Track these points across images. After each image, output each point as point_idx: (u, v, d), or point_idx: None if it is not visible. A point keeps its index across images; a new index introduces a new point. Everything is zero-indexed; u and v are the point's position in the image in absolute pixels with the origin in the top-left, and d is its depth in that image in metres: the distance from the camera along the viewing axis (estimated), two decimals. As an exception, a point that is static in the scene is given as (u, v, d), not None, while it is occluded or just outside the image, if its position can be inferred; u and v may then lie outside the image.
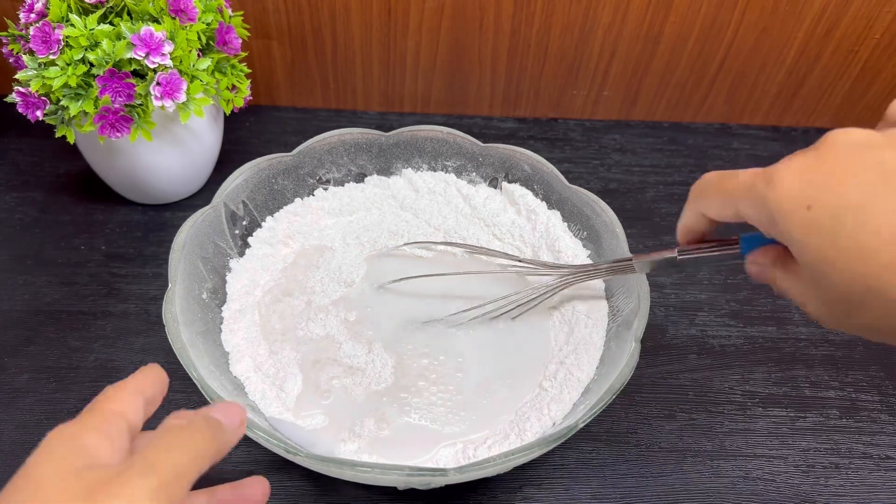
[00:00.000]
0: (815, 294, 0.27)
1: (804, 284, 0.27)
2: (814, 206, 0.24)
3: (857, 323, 0.25)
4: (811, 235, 0.24)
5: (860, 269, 0.23)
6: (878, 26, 0.65)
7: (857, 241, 0.23)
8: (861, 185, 0.23)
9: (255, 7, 0.64)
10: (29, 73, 0.48)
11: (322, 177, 0.54)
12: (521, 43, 0.67)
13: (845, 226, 0.23)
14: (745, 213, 0.27)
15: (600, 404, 0.36)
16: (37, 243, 0.58)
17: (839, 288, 0.24)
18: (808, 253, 0.25)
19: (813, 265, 0.25)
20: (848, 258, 0.24)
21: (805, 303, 0.28)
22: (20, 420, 0.46)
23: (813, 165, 0.25)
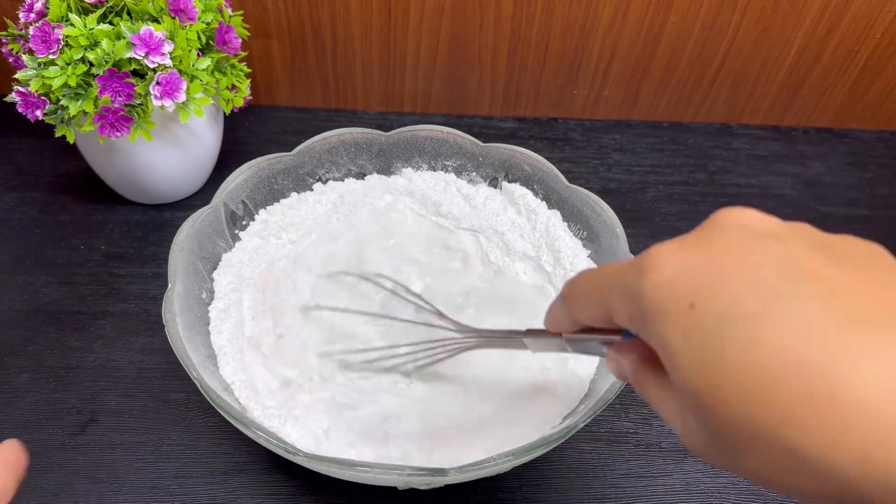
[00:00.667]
0: (693, 421, 0.20)
1: (679, 404, 0.21)
2: (698, 306, 0.19)
3: (743, 468, 0.19)
4: (692, 342, 0.19)
5: (748, 402, 0.18)
6: (878, 26, 0.65)
7: (750, 363, 0.17)
8: (759, 285, 0.18)
9: (255, 7, 0.64)
10: (28, 73, 0.48)
11: (322, 177, 0.54)
12: (521, 43, 0.67)
13: (735, 339, 0.18)
14: (616, 311, 0.22)
15: (600, 404, 0.36)
16: (36, 243, 0.58)
17: (721, 422, 0.19)
18: (685, 368, 0.19)
19: (691, 384, 0.19)
20: (736, 385, 0.18)
21: (680, 428, 0.22)
22: (20, 420, 0.46)
23: (698, 253, 0.20)
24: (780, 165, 0.71)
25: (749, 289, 0.18)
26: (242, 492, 0.43)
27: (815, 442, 0.17)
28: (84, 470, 0.44)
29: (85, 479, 0.43)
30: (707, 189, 0.67)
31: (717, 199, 0.66)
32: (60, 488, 0.43)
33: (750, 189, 0.67)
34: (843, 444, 0.16)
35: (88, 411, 0.47)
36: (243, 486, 0.43)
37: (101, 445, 0.45)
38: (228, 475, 0.44)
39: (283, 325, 0.46)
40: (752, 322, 0.18)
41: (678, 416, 0.22)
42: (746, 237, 0.20)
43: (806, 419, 0.17)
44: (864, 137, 0.75)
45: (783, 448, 0.17)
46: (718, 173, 0.69)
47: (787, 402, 0.17)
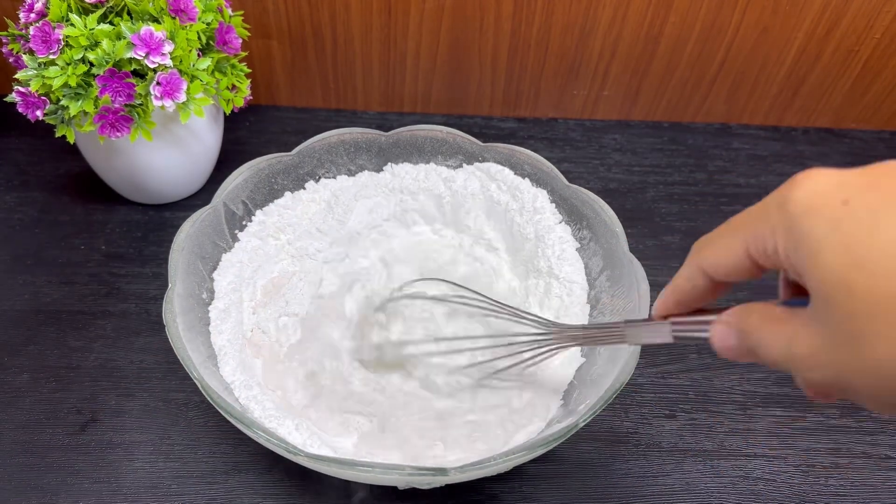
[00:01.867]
0: (815, 324, 0.21)
1: (791, 323, 0.22)
2: (851, 202, 0.20)
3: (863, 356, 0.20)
4: (841, 229, 0.20)
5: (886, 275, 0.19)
6: (878, 26, 0.65)
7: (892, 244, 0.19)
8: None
9: (255, 7, 0.64)
10: (29, 73, 0.48)
11: (322, 177, 0.54)
12: (521, 43, 0.67)
13: (890, 219, 0.19)
14: (757, 234, 0.23)
15: (600, 404, 0.36)
16: (37, 243, 0.58)
17: (862, 298, 0.19)
18: (828, 252, 0.20)
19: (833, 269, 0.20)
20: (882, 257, 0.19)
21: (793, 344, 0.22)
22: (20, 420, 0.46)
23: (855, 173, 0.21)
24: (780, 165, 0.71)
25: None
26: (242, 492, 0.43)
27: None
28: (84, 470, 0.44)
29: (85, 479, 0.43)
30: (707, 189, 0.67)
31: (717, 199, 0.66)
32: (60, 488, 0.43)
33: (750, 189, 0.67)
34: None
35: (88, 411, 0.47)
36: (243, 485, 0.43)
37: (101, 445, 0.45)
38: (228, 475, 0.44)
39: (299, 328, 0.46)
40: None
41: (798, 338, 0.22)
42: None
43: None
44: (864, 137, 0.75)
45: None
46: (718, 173, 0.69)
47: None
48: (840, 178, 0.21)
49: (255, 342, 0.46)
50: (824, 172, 0.21)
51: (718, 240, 0.25)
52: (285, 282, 0.49)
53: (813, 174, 0.21)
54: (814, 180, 0.21)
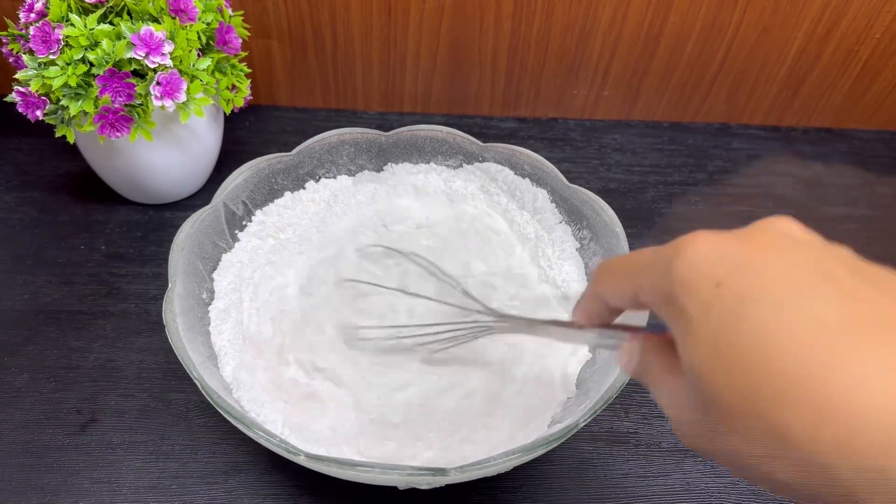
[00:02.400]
0: (689, 398, 0.22)
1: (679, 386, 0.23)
2: (724, 286, 0.20)
3: (720, 446, 0.21)
4: (710, 315, 0.20)
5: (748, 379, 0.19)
6: (878, 26, 0.65)
7: (759, 343, 0.19)
8: (787, 278, 0.20)
9: (255, 7, 0.64)
10: (29, 73, 0.48)
11: (322, 177, 0.54)
12: (521, 43, 0.67)
13: (751, 319, 0.19)
14: (643, 287, 0.24)
15: (600, 404, 0.36)
16: (37, 243, 0.58)
17: (718, 395, 0.20)
18: (698, 339, 0.20)
19: (699, 355, 0.20)
20: (740, 361, 0.19)
21: (674, 409, 0.23)
22: (20, 420, 0.46)
23: (734, 243, 0.21)
24: (780, 165, 0.71)
25: (774, 279, 0.20)
26: (243, 492, 0.43)
27: (801, 421, 0.18)
28: (84, 470, 0.44)
29: (85, 479, 0.43)
30: (707, 189, 0.67)
31: (716, 198, 0.66)
32: (60, 488, 0.43)
33: (750, 189, 0.67)
34: (828, 426, 0.17)
35: (88, 411, 0.47)
36: (243, 486, 0.43)
37: (101, 445, 0.45)
38: (228, 475, 0.44)
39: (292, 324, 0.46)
40: (770, 308, 0.19)
41: (675, 397, 0.23)
42: (783, 239, 0.21)
43: (797, 400, 0.18)
44: (864, 137, 0.75)
45: (770, 426, 0.18)
46: (718, 173, 0.69)
47: (783, 383, 0.18)
48: (720, 249, 0.21)
49: (255, 342, 0.46)
50: (706, 241, 0.21)
51: (616, 276, 0.26)
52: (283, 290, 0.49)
53: (696, 242, 0.22)
54: (695, 250, 0.21)
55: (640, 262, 0.24)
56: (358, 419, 0.42)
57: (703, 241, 0.21)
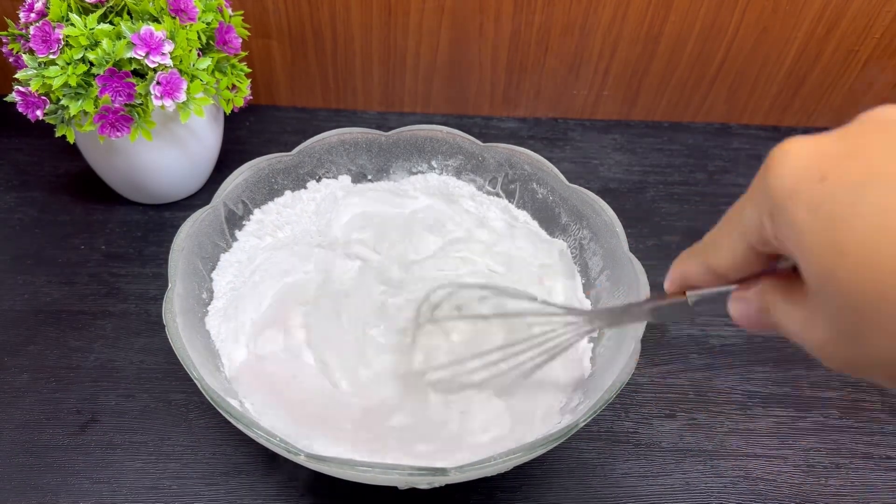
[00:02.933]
0: (820, 313, 0.20)
1: (807, 309, 0.21)
2: (829, 178, 0.18)
3: (866, 352, 0.19)
4: (821, 212, 0.18)
5: (880, 267, 0.17)
6: (878, 26, 0.65)
7: (885, 226, 0.17)
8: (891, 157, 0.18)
9: (255, 7, 0.64)
10: (29, 73, 0.48)
11: (321, 177, 0.54)
12: (521, 43, 0.67)
13: (873, 197, 0.17)
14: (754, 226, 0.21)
15: (600, 404, 0.36)
16: (37, 243, 0.58)
17: (850, 295, 0.18)
18: (813, 244, 0.18)
19: (819, 260, 0.18)
20: (868, 251, 0.17)
21: (809, 330, 0.21)
22: (20, 420, 0.46)
23: (833, 139, 0.19)
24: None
25: (882, 159, 0.18)
26: (243, 492, 0.43)
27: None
28: (84, 470, 0.44)
29: (85, 479, 0.43)
30: (707, 189, 0.67)
31: (716, 198, 0.66)
32: (60, 488, 0.43)
33: (750, 189, 0.67)
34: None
35: (88, 411, 0.47)
36: (244, 486, 0.43)
37: (101, 445, 0.45)
38: (229, 475, 0.44)
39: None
40: (882, 188, 0.17)
41: (808, 322, 0.21)
42: (885, 124, 0.19)
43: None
44: (863, 137, 0.75)
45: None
46: (718, 173, 0.69)
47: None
48: (817, 148, 0.19)
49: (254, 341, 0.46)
50: (800, 145, 0.20)
51: (720, 241, 0.24)
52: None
53: (789, 149, 0.20)
54: (790, 157, 0.20)
55: (742, 203, 0.22)
56: (358, 418, 0.42)
57: (796, 144, 0.20)
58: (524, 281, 0.49)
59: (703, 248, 0.25)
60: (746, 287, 0.24)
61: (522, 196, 0.53)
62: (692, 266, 0.26)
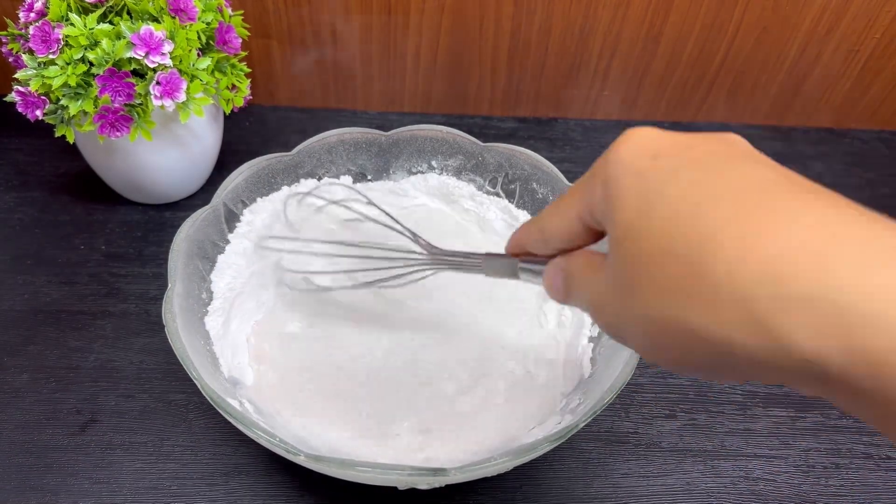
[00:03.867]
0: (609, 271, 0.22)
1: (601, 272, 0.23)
2: (660, 157, 0.21)
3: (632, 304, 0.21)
4: (643, 179, 0.21)
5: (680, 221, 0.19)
6: (878, 26, 0.65)
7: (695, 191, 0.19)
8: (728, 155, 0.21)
9: (255, 7, 0.64)
10: (28, 73, 0.48)
11: (321, 176, 0.54)
12: (521, 43, 0.67)
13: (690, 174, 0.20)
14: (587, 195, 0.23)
15: (600, 404, 0.36)
16: (37, 243, 0.58)
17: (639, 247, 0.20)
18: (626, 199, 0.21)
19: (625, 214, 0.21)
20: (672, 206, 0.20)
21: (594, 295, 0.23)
22: (20, 420, 0.46)
23: (682, 135, 0.22)
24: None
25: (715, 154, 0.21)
26: (243, 493, 0.43)
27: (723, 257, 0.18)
28: (84, 470, 0.44)
29: (85, 479, 0.43)
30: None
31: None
32: (60, 488, 0.43)
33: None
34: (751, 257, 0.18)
35: (88, 411, 0.47)
36: (244, 486, 0.43)
37: (101, 445, 0.45)
38: (229, 476, 0.44)
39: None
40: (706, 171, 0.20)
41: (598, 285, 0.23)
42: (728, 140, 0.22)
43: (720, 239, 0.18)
44: (864, 137, 0.75)
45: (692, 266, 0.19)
46: (718, 173, 0.69)
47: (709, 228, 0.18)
48: (661, 138, 0.22)
49: (254, 341, 0.46)
50: (648, 130, 0.22)
51: (557, 209, 0.26)
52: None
53: (636, 132, 0.22)
54: (636, 138, 0.22)
55: (585, 176, 0.24)
56: (359, 417, 0.42)
57: (645, 130, 0.22)
58: None
59: (542, 213, 0.27)
60: (558, 259, 0.27)
61: (522, 196, 0.53)
62: (530, 228, 0.28)
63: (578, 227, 0.25)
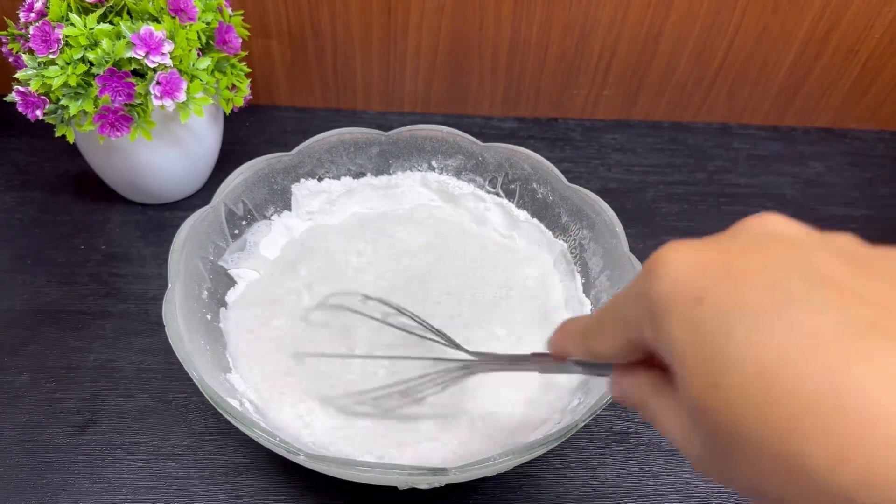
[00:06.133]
0: (693, 428, 0.20)
1: (679, 414, 0.21)
2: (705, 302, 0.18)
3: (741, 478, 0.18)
4: (697, 337, 0.18)
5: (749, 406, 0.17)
6: (878, 26, 0.65)
7: (752, 364, 0.17)
8: (774, 286, 0.17)
9: (255, 7, 0.64)
10: (29, 73, 0.48)
11: (321, 176, 0.54)
12: (521, 43, 0.67)
13: (738, 338, 0.17)
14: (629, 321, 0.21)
15: (600, 404, 0.36)
16: (37, 243, 0.58)
17: (720, 426, 0.18)
18: (689, 367, 0.18)
19: (694, 384, 0.18)
20: (737, 387, 0.17)
21: (680, 439, 0.21)
22: (20, 420, 0.46)
23: (712, 251, 0.19)
24: (780, 165, 0.71)
25: (758, 288, 0.17)
26: (243, 493, 0.43)
27: (820, 453, 0.16)
28: (84, 470, 0.44)
29: (85, 479, 0.43)
30: (707, 189, 0.67)
31: (717, 198, 0.66)
32: (60, 488, 0.43)
33: (750, 189, 0.67)
34: (851, 459, 0.15)
35: (88, 411, 0.47)
36: (244, 486, 0.43)
37: (101, 445, 0.45)
38: (229, 476, 0.44)
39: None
40: (755, 322, 0.17)
41: (678, 427, 0.21)
42: (767, 240, 0.19)
43: (811, 429, 0.16)
44: (864, 137, 0.75)
45: (784, 457, 0.16)
46: (718, 173, 0.69)
47: (790, 409, 0.16)
48: (696, 259, 0.19)
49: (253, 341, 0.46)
50: (680, 253, 0.19)
51: (603, 329, 0.24)
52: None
53: (669, 255, 0.19)
54: (669, 265, 0.19)
55: (621, 297, 0.22)
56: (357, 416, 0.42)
57: (677, 253, 0.19)
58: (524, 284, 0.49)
59: (586, 330, 0.25)
60: (623, 374, 0.24)
61: (522, 196, 0.53)
62: (573, 344, 0.26)
63: (631, 348, 0.23)
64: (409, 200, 0.56)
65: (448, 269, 0.51)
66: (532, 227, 0.53)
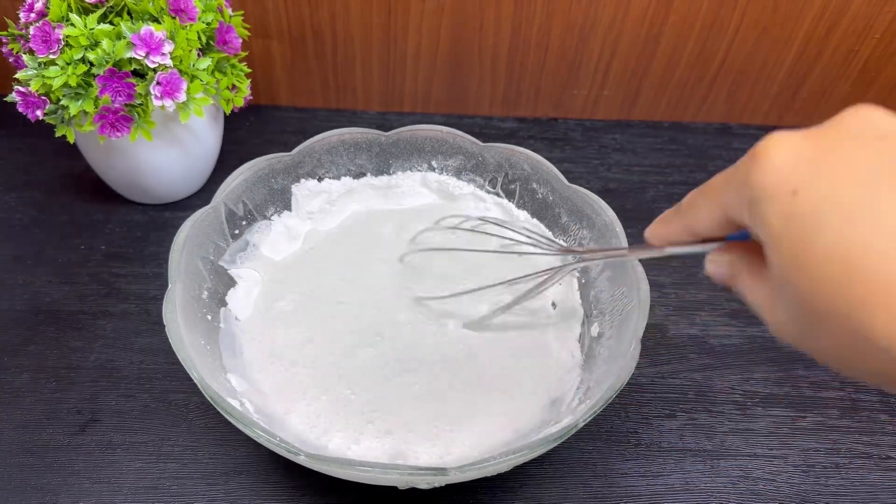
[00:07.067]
0: (781, 303, 0.22)
1: (769, 290, 0.23)
2: (800, 193, 0.20)
3: (814, 345, 0.21)
4: (790, 225, 0.20)
5: (830, 286, 0.19)
6: (878, 26, 0.65)
7: (842, 249, 0.18)
8: (866, 181, 0.19)
9: (255, 7, 0.64)
10: (29, 73, 0.48)
11: (322, 177, 0.54)
12: (521, 43, 0.67)
13: (828, 229, 0.19)
14: (729, 204, 0.23)
15: (600, 404, 0.36)
16: (37, 243, 0.58)
17: (805, 302, 0.20)
18: (782, 250, 0.20)
19: (786, 265, 0.20)
20: (822, 270, 0.19)
21: (768, 310, 0.23)
22: (20, 420, 0.46)
23: (811, 143, 0.20)
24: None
25: (849, 184, 0.19)
26: (243, 492, 0.43)
27: (884, 325, 0.18)
28: (84, 470, 0.44)
29: (85, 479, 0.43)
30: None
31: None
32: (60, 488, 0.43)
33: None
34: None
35: (89, 411, 0.47)
36: (244, 486, 0.43)
37: (101, 445, 0.45)
38: (229, 476, 0.44)
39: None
40: (847, 216, 0.18)
41: (765, 299, 0.23)
42: (864, 134, 0.20)
43: (877, 303, 0.18)
44: (863, 137, 0.75)
45: (854, 329, 0.19)
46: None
47: (864, 292, 0.18)
48: (796, 152, 0.20)
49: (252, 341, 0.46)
50: (781, 144, 0.21)
51: (701, 208, 0.26)
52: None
53: (771, 146, 0.21)
54: (770, 155, 0.21)
55: (721, 179, 0.24)
56: (357, 416, 0.42)
57: (779, 144, 0.21)
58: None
59: (685, 211, 0.27)
60: (720, 252, 0.26)
61: (522, 196, 0.53)
62: (674, 227, 0.29)
63: (728, 224, 0.24)
64: (409, 200, 0.56)
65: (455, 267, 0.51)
66: (532, 227, 0.53)
